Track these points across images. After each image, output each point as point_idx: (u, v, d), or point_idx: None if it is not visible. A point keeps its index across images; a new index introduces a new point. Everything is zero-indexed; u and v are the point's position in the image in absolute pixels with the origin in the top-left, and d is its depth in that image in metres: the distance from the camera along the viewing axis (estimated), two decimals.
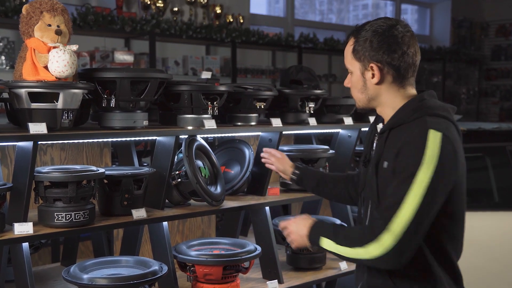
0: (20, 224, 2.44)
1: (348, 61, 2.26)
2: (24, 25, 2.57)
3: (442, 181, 2.01)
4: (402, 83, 2.21)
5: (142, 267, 2.72)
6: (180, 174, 2.98)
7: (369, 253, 2.03)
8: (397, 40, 2.15)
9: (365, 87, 2.23)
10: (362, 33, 2.19)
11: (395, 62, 2.16)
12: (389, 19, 2.20)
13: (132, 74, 2.72)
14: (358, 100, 2.29)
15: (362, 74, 2.22)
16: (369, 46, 2.17)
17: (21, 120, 2.54)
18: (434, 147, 2.00)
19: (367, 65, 2.19)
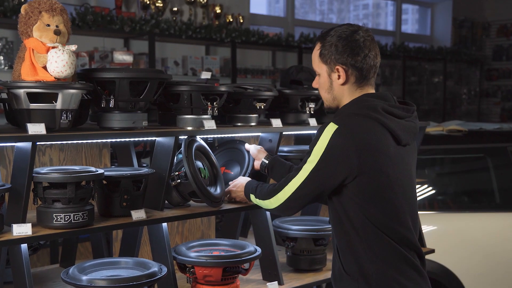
0: (19, 225, 2.44)
1: (316, 64, 2.54)
2: (23, 25, 2.57)
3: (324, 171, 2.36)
4: (362, 84, 2.49)
5: (142, 268, 2.72)
6: (179, 175, 2.98)
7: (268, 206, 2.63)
8: (359, 44, 2.42)
9: (331, 87, 2.51)
10: (327, 38, 2.46)
11: (358, 64, 2.43)
12: (352, 25, 2.47)
13: (132, 74, 2.71)
14: (325, 99, 2.58)
15: (328, 75, 2.50)
16: (334, 50, 2.44)
17: (20, 121, 2.53)
18: (324, 139, 2.34)
19: (333, 67, 2.47)
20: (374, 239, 2.37)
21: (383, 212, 2.37)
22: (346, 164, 2.32)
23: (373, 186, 2.34)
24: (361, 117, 2.36)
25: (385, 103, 2.42)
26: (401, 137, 2.39)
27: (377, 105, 2.39)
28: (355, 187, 2.35)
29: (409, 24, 12.06)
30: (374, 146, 2.32)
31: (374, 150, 2.33)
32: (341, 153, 2.31)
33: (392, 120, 2.39)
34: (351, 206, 2.38)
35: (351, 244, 2.41)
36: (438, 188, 5.12)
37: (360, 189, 2.35)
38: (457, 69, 11.45)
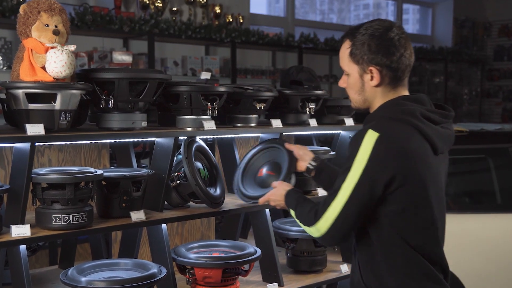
0: (17, 226, 2.44)
1: (345, 63, 2.34)
2: (22, 25, 2.58)
3: (369, 182, 2.15)
4: (396, 85, 2.31)
5: (141, 269, 2.72)
6: (179, 175, 2.98)
7: (312, 233, 2.32)
8: (394, 43, 2.24)
9: (362, 88, 2.32)
10: (358, 36, 2.27)
11: (394, 65, 2.25)
12: (384, 21, 2.29)
13: (131, 74, 2.72)
14: (354, 101, 2.39)
15: (360, 76, 2.30)
16: (367, 49, 2.25)
17: (18, 121, 2.54)
18: (366, 148, 2.15)
19: (366, 68, 2.27)
20: (399, 252, 2.22)
21: (415, 225, 2.22)
22: (389, 174, 2.15)
23: (410, 199, 2.18)
24: (400, 123, 2.20)
25: (423, 107, 2.27)
26: (437, 146, 2.25)
27: (415, 110, 2.23)
28: (392, 199, 2.18)
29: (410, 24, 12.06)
30: (415, 155, 2.17)
31: (415, 160, 2.17)
32: (385, 163, 2.14)
33: (430, 127, 2.23)
34: (381, 217, 2.22)
35: (373, 256, 2.28)
36: None
37: (398, 201, 2.18)
38: (458, 69, 11.45)
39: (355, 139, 2.20)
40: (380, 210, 2.20)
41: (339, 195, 2.20)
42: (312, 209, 2.34)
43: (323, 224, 2.25)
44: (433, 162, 2.24)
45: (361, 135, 2.18)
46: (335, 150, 3.78)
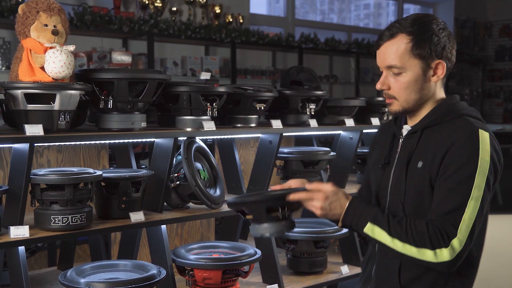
0: (16, 227, 2.44)
1: (404, 59, 2.11)
2: (20, 25, 2.58)
3: (491, 182, 2.03)
4: (443, 82, 2.20)
5: (140, 271, 2.72)
6: (178, 176, 2.98)
7: (438, 257, 1.96)
8: (452, 36, 2.16)
9: (423, 86, 2.13)
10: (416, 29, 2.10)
11: (454, 59, 2.16)
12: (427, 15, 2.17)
13: (130, 75, 2.72)
14: (408, 101, 2.16)
15: (423, 72, 2.12)
16: (436, 42, 2.09)
17: (17, 122, 2.54)
18: (486, 148, 2.01)
19: (431, 62, 2.11)
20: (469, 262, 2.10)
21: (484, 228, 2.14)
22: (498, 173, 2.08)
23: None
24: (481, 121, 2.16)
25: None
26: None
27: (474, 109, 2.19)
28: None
29: None
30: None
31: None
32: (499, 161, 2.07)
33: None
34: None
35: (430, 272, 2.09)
36: None
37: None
38: (459, 70, 11.45)
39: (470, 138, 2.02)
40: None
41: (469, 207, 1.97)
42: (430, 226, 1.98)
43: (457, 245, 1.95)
44: None
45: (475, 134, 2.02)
46: (336, 151, 3.78)
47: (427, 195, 2.07)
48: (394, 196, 2.17)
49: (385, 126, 2.40)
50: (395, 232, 1.98)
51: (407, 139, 2.18)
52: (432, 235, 1.95)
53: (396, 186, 2.17)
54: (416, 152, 2.13)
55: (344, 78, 9.26)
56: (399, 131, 2.24)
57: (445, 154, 2.03)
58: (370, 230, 2.01)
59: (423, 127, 2.14)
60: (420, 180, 2.08)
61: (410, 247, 1.96)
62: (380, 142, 2.35)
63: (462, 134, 2.04)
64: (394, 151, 2.23)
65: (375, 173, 2.29)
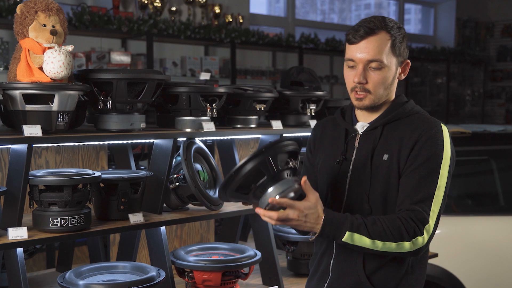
0: (14, 229, 2.44)
1: (384, 55, 2.21)
2: (19, 25, 2.58)
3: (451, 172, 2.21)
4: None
5: (139, 273, 2.72)
6: (178, 177, 2.98)
7: (416, 245, 2.10)
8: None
9: (392, 83, 2.28)
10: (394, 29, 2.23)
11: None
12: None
13: (129, 75, 2.72)
14: (379, 97, 2.26)
15: (396, 70, 2.27)
16: (405, 42, 2.27)
17: (15, 123, 2.54)
18: (448, 141, 2.20)
19: (402, 62, 2.28)
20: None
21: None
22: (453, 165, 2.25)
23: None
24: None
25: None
26: None
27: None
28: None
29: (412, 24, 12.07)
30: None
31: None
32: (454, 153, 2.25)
33: None
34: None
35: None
36: None
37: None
38: (460, 70, 11.46)
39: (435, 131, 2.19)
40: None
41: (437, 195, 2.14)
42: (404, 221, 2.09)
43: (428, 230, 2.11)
44: None
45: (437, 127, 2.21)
46: None
47: (394, 184, 2.21)
48: (355, 189, 2.27)
49: (326, 123, 2.48)
50: (373, 233, 2.09)
51: (365, 135, 2.30)
52: (407, 226, 2.09)
53: (357, 180, 2.27)
54: (379, 146, 2.26)
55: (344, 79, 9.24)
56: (352, 127, 2.35)
57: (413, 146, 2.19)
58: (349, 239, 2.09)
59: (384, 123, 2.28)
60: (386, 171, 2.21)
61: (390, 244, 2.09)
62: (326, 139, 2.43)
63: (428, 128, 2.20)
64: (351, 147, 2.33)
65: (327, 170, 2.36)
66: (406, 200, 2.14)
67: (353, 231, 2.08)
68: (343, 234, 2.08)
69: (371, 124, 2.30)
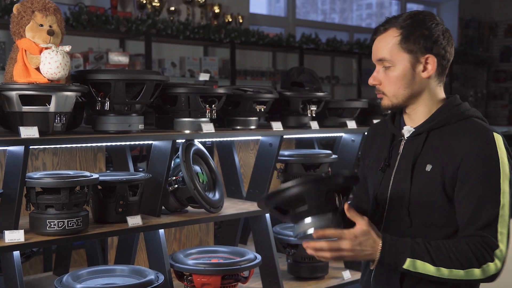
0: (11, 231, 2.44)
1: (392, 53, 2.14)
2: (15, 25, 2.58)
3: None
4: (441, 80, 2.20)
5: (138, 276, 2.72)
6: (177, 179, 2.98)
7: (486, 272, 1.98)
8: (448, 33, 2.17)
9: (412, 81, 2.14)
10: (407, 23, 2.15)
11: (447, 55, 2.17)
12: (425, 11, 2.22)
13: (127, 76, 2.72)
14: (397, 96, 2.16)
15: (412, 66, 2.13)
16: (425, 36, 2.12)
17: (12, 124, 2.54)
18: (503, 151, 2.03)
19: (420, 57, 2.13)
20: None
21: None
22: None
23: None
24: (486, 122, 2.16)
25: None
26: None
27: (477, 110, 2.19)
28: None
29: None
30: None
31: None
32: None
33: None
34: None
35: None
36: None
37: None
38: (463, 71, 11.46)
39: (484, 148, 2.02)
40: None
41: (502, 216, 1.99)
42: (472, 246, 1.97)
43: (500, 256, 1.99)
44: None
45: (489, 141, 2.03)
46: (337, 154, 3.78)
47: (437, 200, 2.06)
48: (395, 200, 2.15)
49: (378, 126, 2.38)
50: (438, 260, 1.96)
51: (410, 140, 2.17)
52: (476, 253, 1.96)
53: (398, 190, 2.15)
54: (422, 155, 2.11)
55: (346, 79, 9.26)
56: (399, 132, 2.22)
57: (462, 159, 2.02)
58: (411, 266, 1.97)
59: (429, 128, 2.13)
60: (429, 184, 2.07)
61: (458, 271, 1.96)
62: (376, 143, 2.32)
63: (478, 139, 2.03)
64: (395, 153, 2.21)
65: (373, 175, 2.27)
66: (469, 227, 1.99)
67: (414, 257, 1.96)
68: (403, 261, 1.95)
69: (416, 129, 2.17)
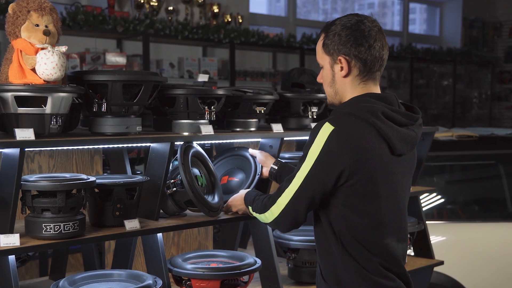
0: (6, 235, 2.44)
1: (319, 55, 2.50)
2: (10, 25, 2.58)
3: (320, 173, 2.33)
4: (366, 78, 2.45)
5: (135, 281, 2.72)
6: (175, 182, 2.98)
7: (267, 219, 2.53)
8: (364, 34, 2.38)
9: (333, 80, 2.49)
10: (331, 27, 2.43)
11: (362, 55, 2.39)
12: (358, 15, 2.44)
13: (125, 77, 2.72)
14: (328, 94, 2.56)
15: (331, 67, 2.47)
16: (337, 39, 2.41)
17: (7, 126, 2.54)
18: (321, 139, 2.33)
19: (336, 58, 2.43)
20: (351, 247, 2.38)
21: (362, 221, 2.37)
22: (339, 168, 2.30)
23: (358, 194, 2.34)
24: (358, 119, 2.33)
25: (387, 106, 2.38)
26: (396, 146, 2.36)
27: (377, 108, 2.34)
28: (341, 193, 2.35)
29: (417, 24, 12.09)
30: (368, 152, 2.31)
31: (367, 157, 2.31)
32: (336, 157, 2.29)
33: (391, 127, 2.35)
34: (332, 211, 2.39)
35: (330, 250, 2.43)
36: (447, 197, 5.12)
37: (346, 195, 2.34)
38: (467, 72, 11.46)
39: (313, 130, 2.38)
40: (331, 202, 2.38)
41: (293, 182, 2.39)
42: (266, 197, 2.57)
43: (275, 209, 2.46)
44: (390, 162, 2.37)
45: (318, 127, 2.36)
46: None
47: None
48: None
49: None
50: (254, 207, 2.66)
51: None
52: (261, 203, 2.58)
53: None
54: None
55: None
56: None
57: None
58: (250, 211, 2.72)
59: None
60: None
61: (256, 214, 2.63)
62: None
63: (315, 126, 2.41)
64: None
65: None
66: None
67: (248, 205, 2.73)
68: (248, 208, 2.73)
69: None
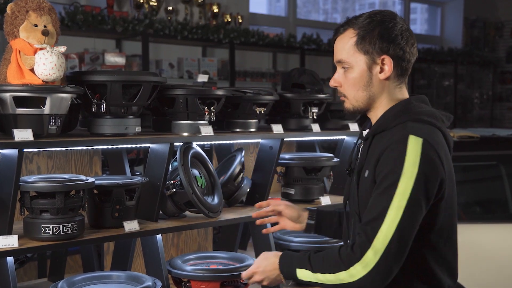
0: (4, 237, 2.44)
1: (348, 55, 2.19)
2: (9, 25, 2.58)
3: (424, 190, 1.98)
4: (402, 81, 2.20)
5: (134, 283, 2.72)
6: (174, 183, 2.98)
7: (354, 276, 1.97)
8: (404, 33, 2.14)
9: (369, 83, 2.17)
10: (364, 23, 2.14)
11: (406, 56, 2.15)
12: (385, 11, 2.18)
13: (124, 77, 2.72)
14: (357, 99, 2.20)
15: (368, 68, 2.15)
16: (379, 37, 2.12)
17: (6, 126, 2.54)
18: (415, 154, 1.98)
19: (376, 58, 2.14)
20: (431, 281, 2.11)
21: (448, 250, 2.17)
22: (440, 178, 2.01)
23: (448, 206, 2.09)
24: (430, 126, 2.07)
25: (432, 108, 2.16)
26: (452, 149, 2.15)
27: (434, 112, 2.12)
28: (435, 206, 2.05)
29: (418, 24, 12.09)
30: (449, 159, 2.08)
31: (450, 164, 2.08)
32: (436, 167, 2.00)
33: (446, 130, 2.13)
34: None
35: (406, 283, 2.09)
36: None
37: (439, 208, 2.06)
38: (468, 72, 11.46)
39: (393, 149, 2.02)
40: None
41: (389, 216, 1.95)
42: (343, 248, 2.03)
43: (372, 257, 1.94)
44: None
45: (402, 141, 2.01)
46: (339, 157, 3.78)
47: None
48: (352, 205, 2.21)
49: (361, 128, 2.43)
50: (315, 267, 2.06)
51: (363, 145, 2.21)
52: (343, 255, 2.00)
53: (352, 195, 2.21)
54: (365, 161, 2.15)
55: None
56: (362, 136, 2.27)
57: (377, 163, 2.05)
58: (302, 275, 2.10)
59: (373, 133, 2.16)
60: (367, 190, 2.09)
61: (329, 275, 2.02)
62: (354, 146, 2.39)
63: (391, 141, 2.04)
64: (355, 158, 2.28)
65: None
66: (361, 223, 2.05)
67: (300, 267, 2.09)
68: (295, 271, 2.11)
69: (366, 134, 2.22)
